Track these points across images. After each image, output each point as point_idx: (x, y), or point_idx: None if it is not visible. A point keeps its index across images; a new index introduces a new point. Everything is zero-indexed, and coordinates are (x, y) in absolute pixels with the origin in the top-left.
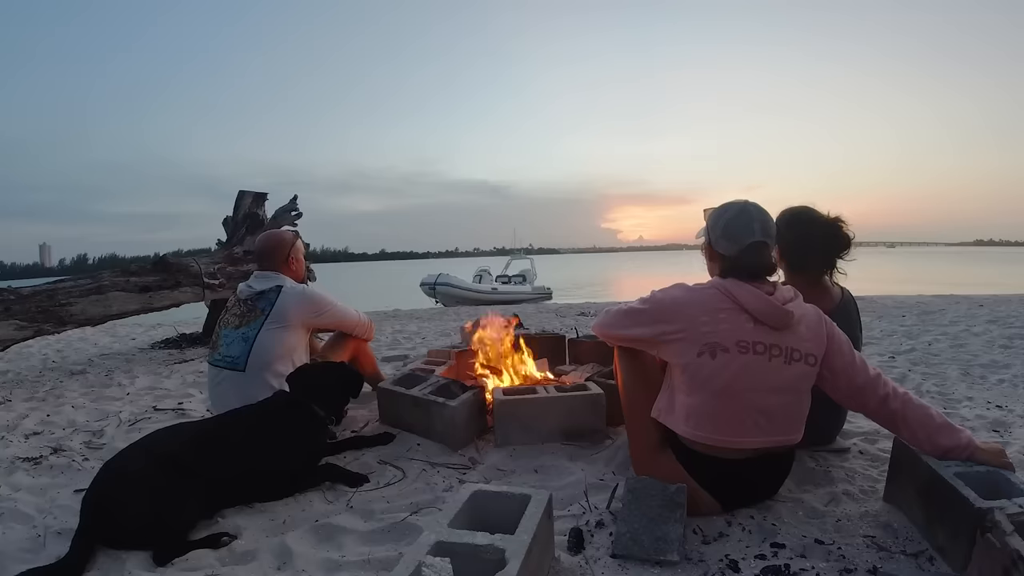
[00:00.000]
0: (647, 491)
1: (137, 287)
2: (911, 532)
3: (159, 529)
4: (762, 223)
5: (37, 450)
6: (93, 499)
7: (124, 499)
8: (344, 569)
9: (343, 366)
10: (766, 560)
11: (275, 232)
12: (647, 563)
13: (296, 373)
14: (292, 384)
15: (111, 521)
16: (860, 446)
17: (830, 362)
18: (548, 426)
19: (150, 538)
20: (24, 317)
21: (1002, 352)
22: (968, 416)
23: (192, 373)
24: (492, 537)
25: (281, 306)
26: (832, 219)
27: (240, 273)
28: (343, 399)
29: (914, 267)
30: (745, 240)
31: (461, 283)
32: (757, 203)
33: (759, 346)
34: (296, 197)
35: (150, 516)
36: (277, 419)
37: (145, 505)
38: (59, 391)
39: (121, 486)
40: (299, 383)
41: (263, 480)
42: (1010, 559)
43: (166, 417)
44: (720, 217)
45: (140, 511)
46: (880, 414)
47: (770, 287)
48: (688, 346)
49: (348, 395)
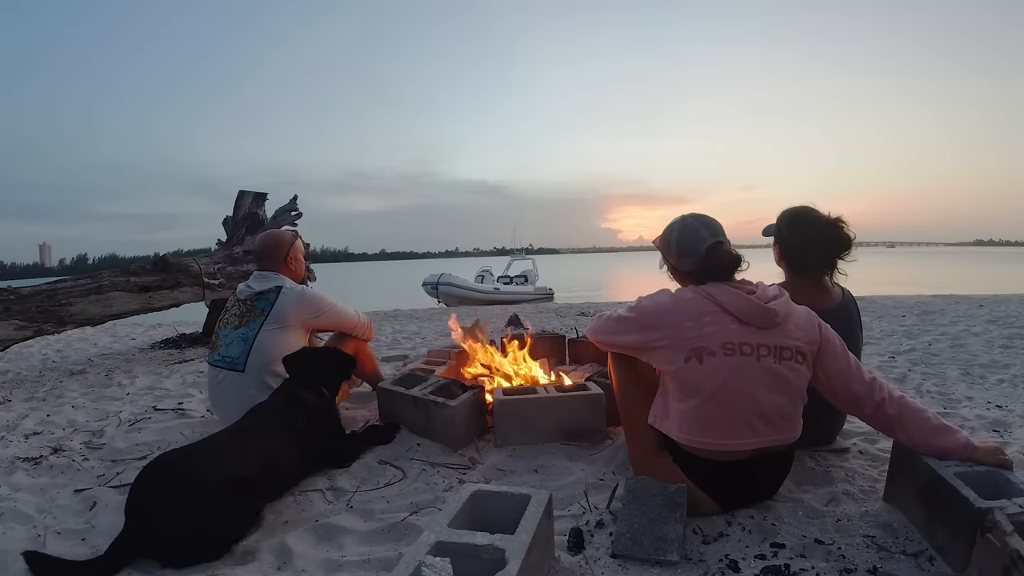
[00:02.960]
0: (647, 491)
1: (137, 287)
2: (911, 532)
3: (221, 551)
4: (707, 226)
5: (37, 450)
6: (155, 513)
7: (197, 519)
8: (344, 569)
9: (335, 349)
10: (766, 560)
11: (274, 232)
12: (647, 563)
13: (292, 357)
14: (290, 367)
15: (176, 540)
16: (860, 446)
17: (824, 364)
18: (548, 426)
19: (207, 558)
20: (24, 317)
21: (1002, 352)
22: (968, 416)
23: (192, 373)
24: (492, 537)
25: (280, 306)
26: (832, 219)
27: (240, 273)
28: (338, 379)
29: (914, 267)
30: (701, 248)
31: (464, 283)
32: (692, 212)
33: (746, 347)
34: (296, 197)
35: (222, 539)
36: (302, 409)
37: (221, 529)
38: (59, 391)
39: (194, 505)
40: (297, 366)
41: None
42: (1010, 559)
43: (166, 417)
44: (669, 241)
45: (213, 534)
46: (876, 419)
47: (751, 286)
48: (675, 352)
49: (343, 376)
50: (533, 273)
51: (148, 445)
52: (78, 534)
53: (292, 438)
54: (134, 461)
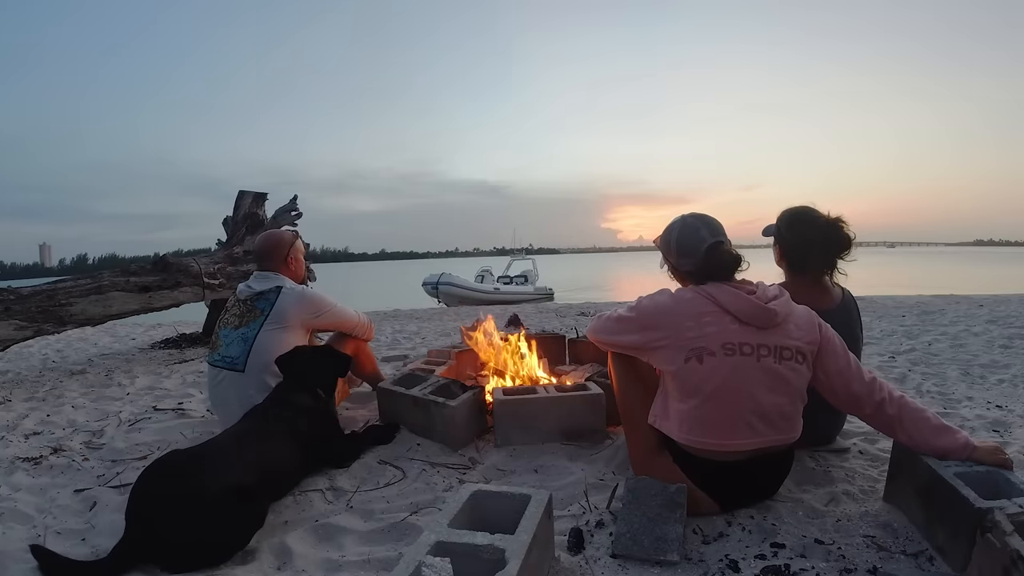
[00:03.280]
0: (647, 491)
1: (137, 287)
2: (911, 532)
3: (222, 558)
4: (707, 226)
5: (37, 450)
6: (155, 520)
7: (198, 526)
8: (344, 569)
9: (329, 348)
10: (766, 560)
11: (274, 232)
12: (647, 563)
13: (286, 357)
14: (284, 368)
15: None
16: (860, 446)
17: (824, 364)
18: (548, 426)
19: (208, 564)
20: (24, 317)
21: (1002, 352)
22: (968, 416)
23: (192, 373)
24: (492, 537)
25: (280, 306)
26: (833, 219)
27: (240, 273)
28: (334, 377)
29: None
30: (701, 248)
31: (464, 283)
32: (692, 212)
33: (746, 347)
34: (296, 197)
35: (223, 547)
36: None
37: (222, 536)
38: (59, 391)
39: (195, 512)
40: (295, 367)
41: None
42: (1010, 559)
43: (166, 417)
44: (669, 241)
45: (214, 541)
46: (876, 419)
47: (751, 286)
48: (675, 352)
49: (338, 374)
50: (533, 273)
51: (148, 445)
52: (78, 534)
53: (292, 442)
54: (134, 461)
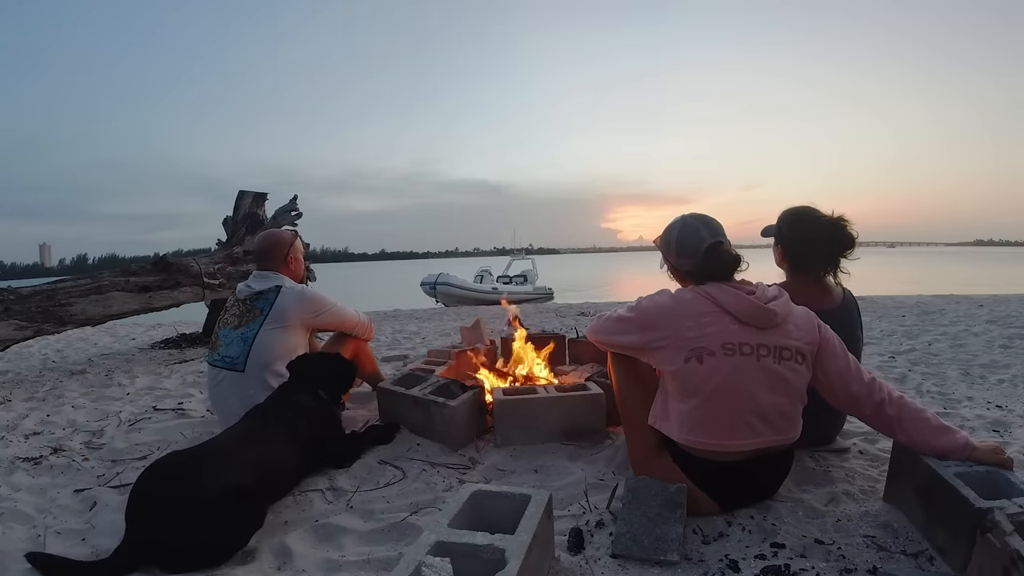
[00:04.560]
0: (647, 491)
1: (137, 287)
2: (911, 532)
3: (222, 559)
4: (707, 226)
5: (37, 450)
6: (155, 522)
7: (197, 528)
8: (344, 569)
9: (338, 355)
10: (766, 560)
11: (274, 232)
12: (647, 563)
13: (296, 361)
14: (293, 371)
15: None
16: (860, 446)
17: (824, 365)
18: (548, 426)
19: (207, 566)
20: (24, 317)
21: (1002, 352)
22: (968, 416)
23: (192, 373)
24: (492, 537)
25: (280, 306)
26: (835, 219)
27: (240, 273)
28: (342, 385)
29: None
30: (700, 248)
31: (462, 283)
32: (692, 212)
33: (745, 347)
34: (296, 197)
35: (222, 548)
36: (301, 411)
37: (221, 538)
38: (59, 391)
39: (195, 514)
40: (300, 370)
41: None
42: (1010, 559)
43: (166, 417)
44: (669, 241)
45: (214, 543)
46: (876, 419)
47: (751, 287)
48: (675, 353)
49: (345, 382)
50: (533, 273)
51: (148, 445)
52: (78, 534)
53: (292, 442)
54: (134, 461)
